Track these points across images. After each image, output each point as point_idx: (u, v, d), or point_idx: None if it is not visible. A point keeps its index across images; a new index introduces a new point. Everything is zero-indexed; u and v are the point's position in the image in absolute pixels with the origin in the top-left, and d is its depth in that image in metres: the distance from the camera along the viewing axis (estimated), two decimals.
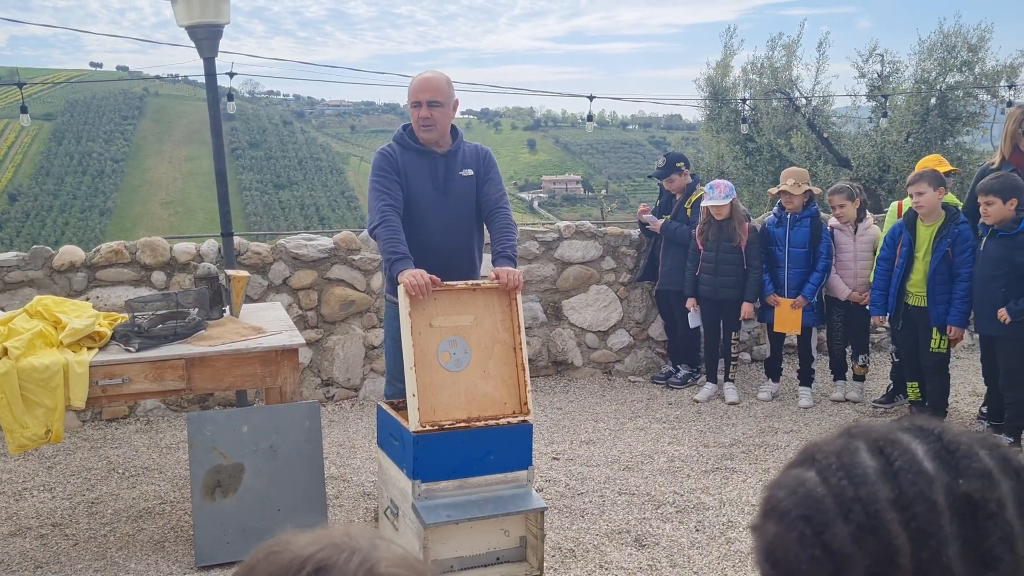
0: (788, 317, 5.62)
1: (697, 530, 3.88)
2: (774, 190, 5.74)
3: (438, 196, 3.79)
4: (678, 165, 6.05)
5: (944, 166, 5.44)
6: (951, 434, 0.70)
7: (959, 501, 0.65)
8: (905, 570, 0.64)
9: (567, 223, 6.47)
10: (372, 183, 3.79)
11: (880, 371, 6.15)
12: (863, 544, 0.65)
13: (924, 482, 0.66)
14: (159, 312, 3.73)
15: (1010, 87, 11.65)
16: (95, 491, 4.33)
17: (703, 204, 5.66)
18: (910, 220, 5.06)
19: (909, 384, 5.33)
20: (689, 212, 5.94)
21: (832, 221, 5.78)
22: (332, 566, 0.70)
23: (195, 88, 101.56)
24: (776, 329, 5.73)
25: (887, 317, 5.28)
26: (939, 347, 4.98)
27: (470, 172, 3.83)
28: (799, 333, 5.70)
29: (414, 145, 3.79)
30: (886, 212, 6.10)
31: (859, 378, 5.83)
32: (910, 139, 12.53)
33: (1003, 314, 4.57)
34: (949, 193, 5.55)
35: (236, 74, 6.97)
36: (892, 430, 0.71)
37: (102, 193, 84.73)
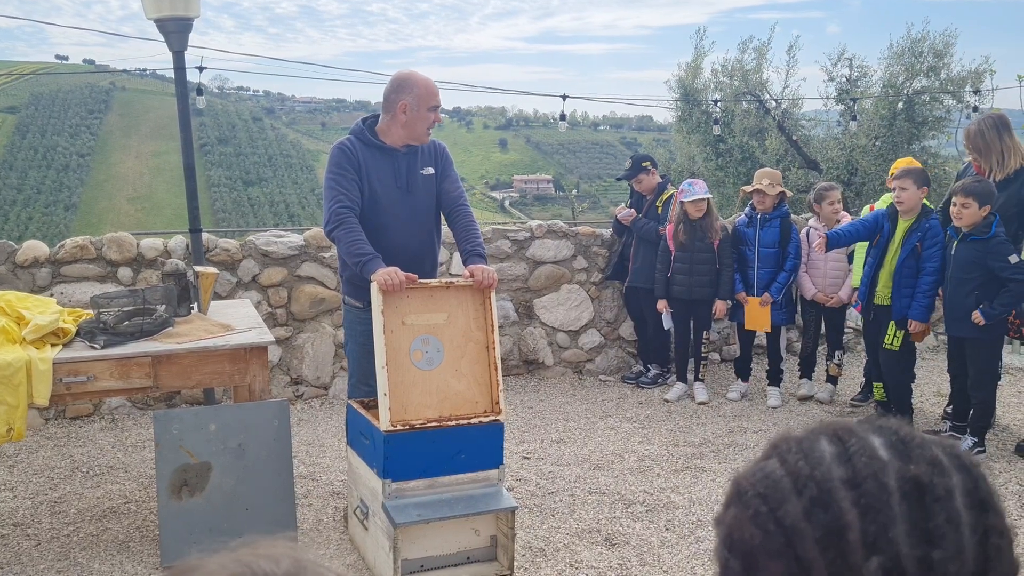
0: (757, 315, 5.67)
1: (667, 529, 3.89)
2: (748, 188, 5.78)
3: (401, 195, 3.71)
4: (644, 165, 6.09)
5: (915, 164, 5.56)
6: (908, 430, 0.74)
7: (908, 484, 0.68)
8: (854, 545, 0.66)
9: (539, 222, 6.47)
10: (329, 180, 3.66)
11: (847, 372, 6.22)
12: (814, 518, 0.68)
13: (877, 465, 0.70)
14: (125, 309, 3.67)
15: (975, 92, 11.83)
16: (58, 490, 4.26)
17: (683, 200, 5.66)
18: (892, 213, 5.08)
19: (875, 384, 5.38)
20: (660, 210, 5.97)
21: (811, 221, 5.83)
22: None
23: (163, 83, 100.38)
24: (747, 327, 5.77)
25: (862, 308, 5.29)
26: (891, 344, 5.00)
27: (431, 170, 3.77)
28: (768, 331, 5.75)
29: (376, 142, 3.69)
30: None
31: (832, 380, 5.87)
32: (878, 143, 12.69)
33: (977, 316, 4.61)
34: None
35: (206, 68, 6.88)
36: (853, 424, 0.76)
37: (67, 188, 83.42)
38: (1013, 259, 4.54)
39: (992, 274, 4.60)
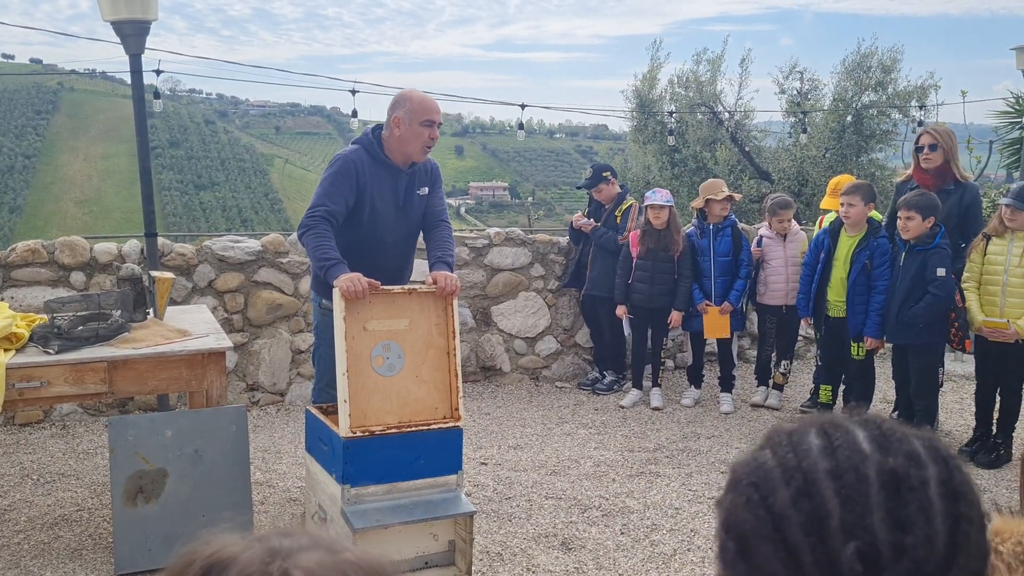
0: (717, 323, 5.77)
1: (622, 533, 3.95)
2: (698, 203, 5.87)
3: (397, 215, 3.74)
4: (604, 175, 6.16)
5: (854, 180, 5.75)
6: (890, 424, 0.80)
7: (887, 475, 0.74)
8: (834, 531, 0.72)
9: (497, 230, 6.51)
10: (323, 184, 3.64)
11: (797, 379, 6.35)
12: (799, 506, 0.74)
13: (858, 458, 0.76)
14: (80, 313, 3.63)
15: (920, 107, 12.17)
16: (7, 498, 4.18)
17: (645, 203, 5.77)
18: (834, 228, 5.25)
19: (822, 387, 5.53)
20: (619, 220, 6.05)
21: (762, 230, 5.95)
22: (228, 561, 0.63)
23: (113, 84, 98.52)
24: (706, 336, 5.87)
25: (812, 321, 5.49)
26: (858, 354, 5.19)
27: (426, 190, 3.82)
28: (728, 337, 5.86)
29: (382, 157, 3.68)
30: (811, 226, 6.33)
31: (778, 387, 6.00)
32: (827, 154, 12.97)
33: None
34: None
35: (163, 72, 6.81)
36: (840, 419, 0.81)
37: (12, 190, 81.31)
38: (940, 272, 4.70)
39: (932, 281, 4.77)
